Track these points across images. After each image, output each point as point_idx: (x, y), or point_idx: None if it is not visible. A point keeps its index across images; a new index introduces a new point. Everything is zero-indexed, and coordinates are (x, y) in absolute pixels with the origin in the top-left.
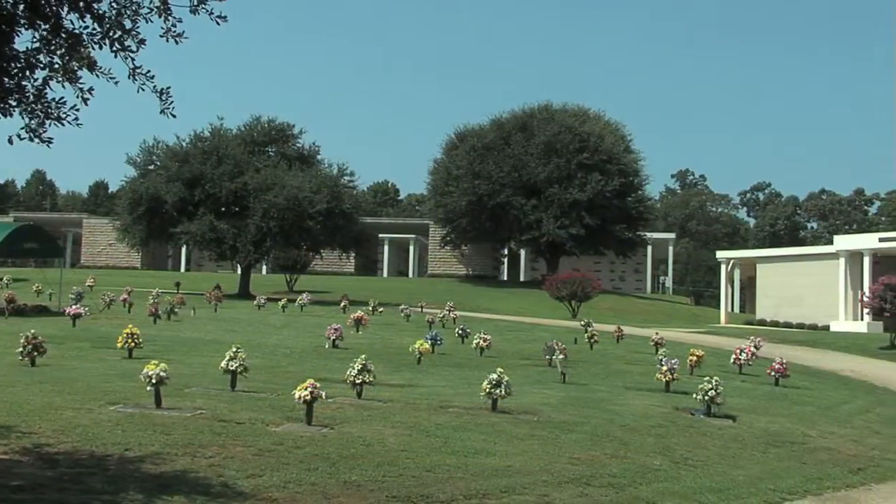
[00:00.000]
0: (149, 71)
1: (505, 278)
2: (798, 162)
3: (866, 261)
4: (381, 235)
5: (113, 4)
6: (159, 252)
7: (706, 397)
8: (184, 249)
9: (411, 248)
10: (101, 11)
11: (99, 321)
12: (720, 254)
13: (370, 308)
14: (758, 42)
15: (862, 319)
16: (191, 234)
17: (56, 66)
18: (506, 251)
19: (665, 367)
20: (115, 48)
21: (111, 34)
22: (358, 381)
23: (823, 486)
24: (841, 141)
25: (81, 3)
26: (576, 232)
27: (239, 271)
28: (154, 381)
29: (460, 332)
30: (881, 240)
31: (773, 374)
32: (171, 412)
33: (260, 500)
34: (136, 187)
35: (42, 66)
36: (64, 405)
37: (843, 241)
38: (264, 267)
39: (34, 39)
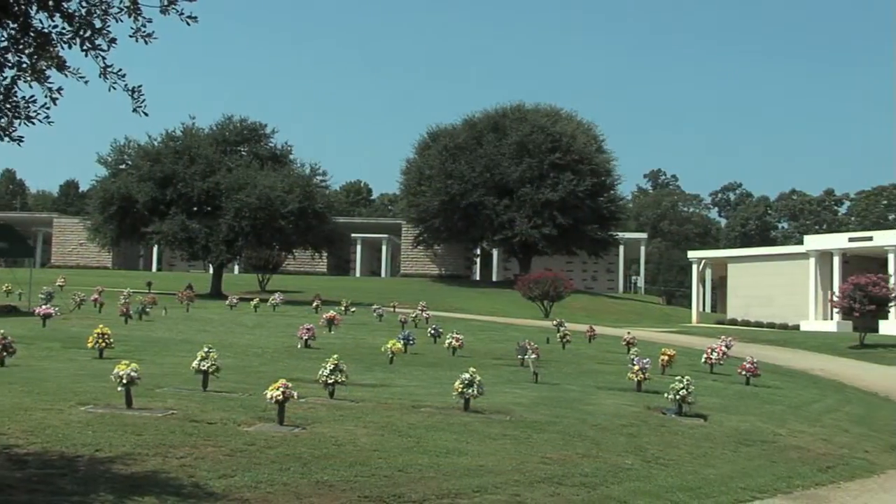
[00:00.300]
0: (120, 70)
1: (477, 278)
2: (769, 162)
3: (836, 261)
4: (353, 235)
5: (83, 4)
6: (131, 252)
7: (677, 396)
8: (155, 249)
9: (384, 248)
10: (70, 10)
11: (69, 321)
12: (691, 254)
13: (342, 308)
14: (728, 43)
15: (831, 319)
16: (162, 233)
17: (24, 65)
18: (478, 251)
19: (637, 367)
20: (85, 47)
21: (81, 33)
22: (330, 381)
23: (793, 485)
24: (811, 141)
25: (51, 2)
26: (548, 232)
27: (211, 271)
28: (125, 381)
29: (433, 331)
30: (851, 240)
31: (743, 373)
32: (142, 412)
33: (231, 501)
34: (107, 187)
35: (10, 65)
36: (33, 406)
37: (813, 242)
38: (236, 267)
39: (2, 38)
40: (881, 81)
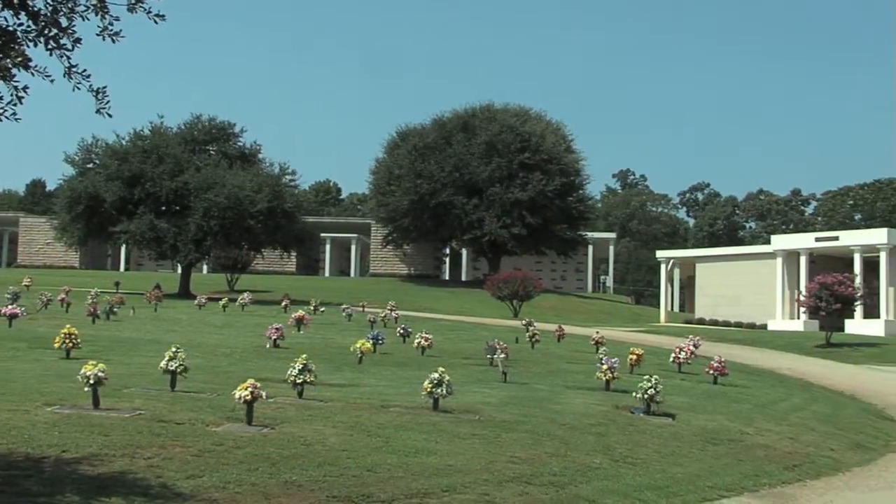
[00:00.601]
0: (85, 70)
1: (447, 278)
2: (737, 162)
3: (803, 260)
4: (322, 235)
5: (49, 2)
6: (98, 251)
7: (646, 396)
8: (123, 249)
9: (353, 248)
10: (36, 9)
11: (36, 321)
12: (660, 253)
13: (311, 308)
14: (695, 44)
15: (798, 318)
16: (130, 233)
17: None
18: (447, 251)
19: (605, 366)
20: (50, 46)
21: (46, 32)
22: (299, 381)
23: (760, 483)
24: (779, 141)
25: (16, 0)
26: (517, 231)
27: (179, 271)
28: (92, 381)
29: (402, 331)
30: (817, 239)
31: (711, 372)
32: (109, 413)
33: (199, 501)
34: (74, 186)
35: None
36: None
37: (781, 241)
38: (205, 266)
39: None
40: (849, 82)
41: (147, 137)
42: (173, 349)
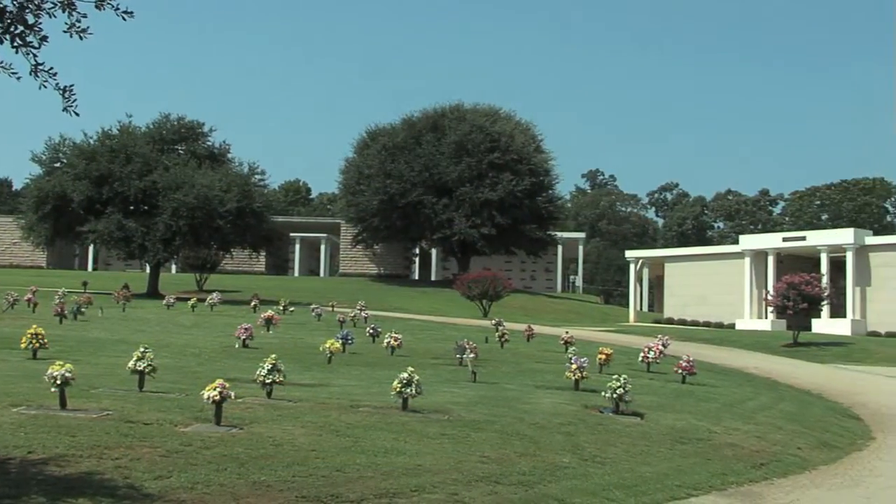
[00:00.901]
0: (51, 68)
1: (416, 278)
2: (705, 162)
3: (770, 260)
4: (292, 234)
5: (15, 1)
6: (66, 251)
7: (615, 395)
8: (91, 248)
9: (323, 248)
10: (2, 5)
11: (2, 321)
12: (629, 253)
13: (281, 307)
14: (663, 42)
15: (766, 318)
16: (98, 232)
17: None
18: (417, 251)
19: (574, 366)
20: (16, 44)
21: (12, 29)
22: (268, 381)
23: (727, 482)
24: (747, 142)
25: None
26: (487, 231)
27: (148, 270)
28: (59, 381)
29: (371, 331)
30: (785, 239)
31: (680, 371)
32: (76, 413)
33: (167, 502)
34: (41, 185)
35: None
36: None
37: (749, 241)
38: (174, 266)
39: None
40: (815, 83)
41: (115, 137)
42: (141, 349)
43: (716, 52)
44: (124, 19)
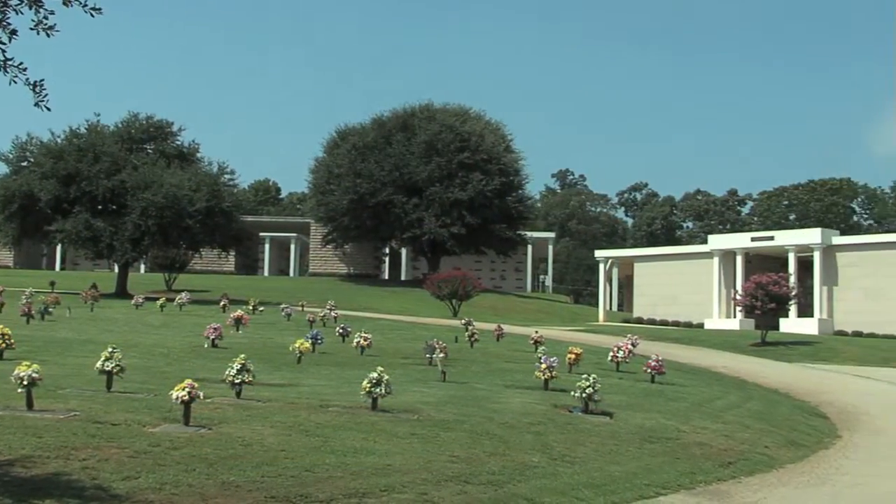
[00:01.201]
0: (21, 63)
1: (386, 277)
2: (675, 162)
3: (739, 260)
4: (262, 234)
5: None
6: (33, 251)
7: (584, 395)
8: (59, 248)
9: (292, 247)
10: None
11: None
12: (599, 253)
13: (250, 307)
14: (634, 42)
15: (735, 317)
16: (66, 232)
17: None
18: (387, 250)
19: (544, 365)
20: None
21: None
22: (237, 381)
23: (696, 480)
24: (716, 142)
25: None
26: (457, 231)
27: (116, 270)
28: (26, 382)
29: (341, 331)
30: (753, 239)
31: (649, 371)
32: (43, 414)
33: (135, 503)
34: (8, 185)
35: None
36: None
37: (717, 241)
38: (142, 266)
39: None
40: (785, 82)
41: (83, 136)
42: (109, 349)
43: (685, 53)
44: (92, 16)
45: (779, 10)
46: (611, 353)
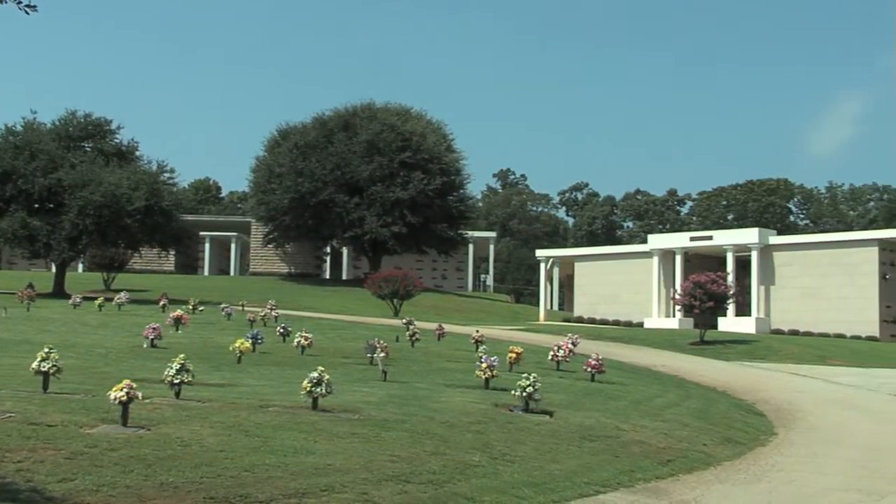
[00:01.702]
0: None
1: (327, 277)
2: (615, 162)
3: (678, 259)
4: (202, 233)
5: None
6: None
7: (524, 394)
8: None
9: (233, 247)
10: None
11: None
12: (540, 252)
13: (190, 307)
14: (573, 40)
15: (674, 316)
16: (1, 231)
17: None
18: (328, 249)
19: (485, 365)
20: None
21: None
22: (176, 381)
23: (635, 478)
24: (656, 142)
25: None
26: (398, 230)
27: (53, 270)
28: None
29: (281, 330)
30: (692, 239)
31: (589, 370)
32: None
33: None
34: None
35: None
36: None
37: (657, 241)
38: (80, 265)
39: None
40: (726, 82)
41: (19, 133)
42: (46, 349)
43: (625, 52)
44: (27, 13)
45: (717, 11)
46: (551, 353)
